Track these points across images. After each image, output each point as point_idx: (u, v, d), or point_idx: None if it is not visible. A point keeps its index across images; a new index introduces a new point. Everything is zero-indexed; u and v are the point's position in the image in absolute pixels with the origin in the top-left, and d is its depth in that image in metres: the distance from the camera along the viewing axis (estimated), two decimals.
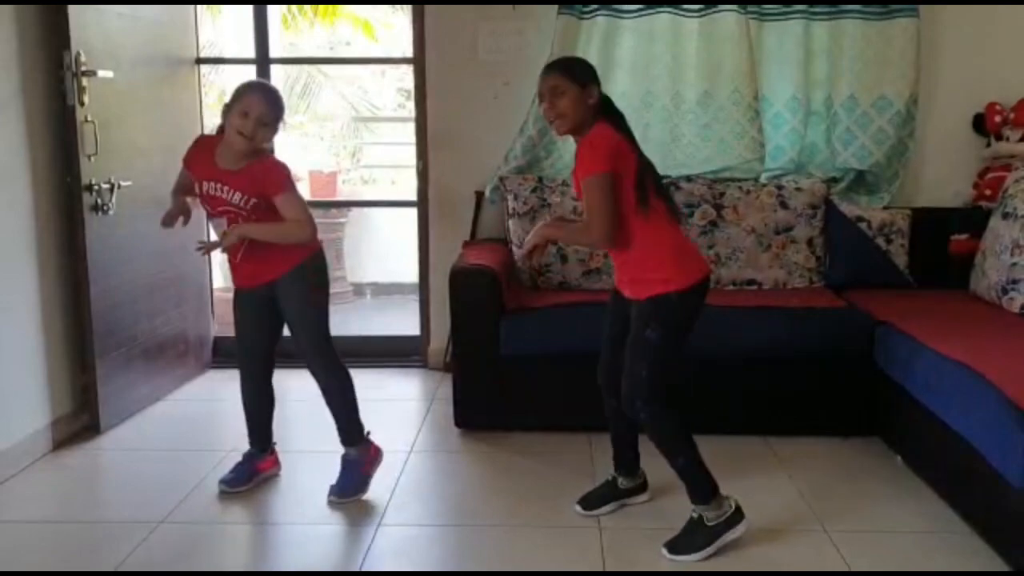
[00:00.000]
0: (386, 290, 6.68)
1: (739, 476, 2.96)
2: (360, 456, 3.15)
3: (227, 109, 2.88)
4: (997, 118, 4.06)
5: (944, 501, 2.94)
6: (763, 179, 4.16)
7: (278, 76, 6.20)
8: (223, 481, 3.17)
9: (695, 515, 2.66)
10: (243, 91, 2.90)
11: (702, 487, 2.66)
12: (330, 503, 3.06)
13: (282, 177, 2.93)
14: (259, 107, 2.85)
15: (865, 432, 3.49)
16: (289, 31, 7.37)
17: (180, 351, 4.34)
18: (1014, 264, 3.40)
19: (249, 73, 4.67)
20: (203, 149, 2.96)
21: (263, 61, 4.62)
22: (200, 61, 4.64)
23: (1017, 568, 2.49)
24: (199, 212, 3.15)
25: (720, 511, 2.65)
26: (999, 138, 4.07)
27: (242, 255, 2.99)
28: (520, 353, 3.54)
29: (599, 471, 3.25)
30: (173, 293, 4.26)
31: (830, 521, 2.87)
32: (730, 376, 3.47)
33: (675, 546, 2.66)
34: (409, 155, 4.64)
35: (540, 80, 2.66)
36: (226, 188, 2.90)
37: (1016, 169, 3.82)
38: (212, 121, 5.84)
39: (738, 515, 2.67)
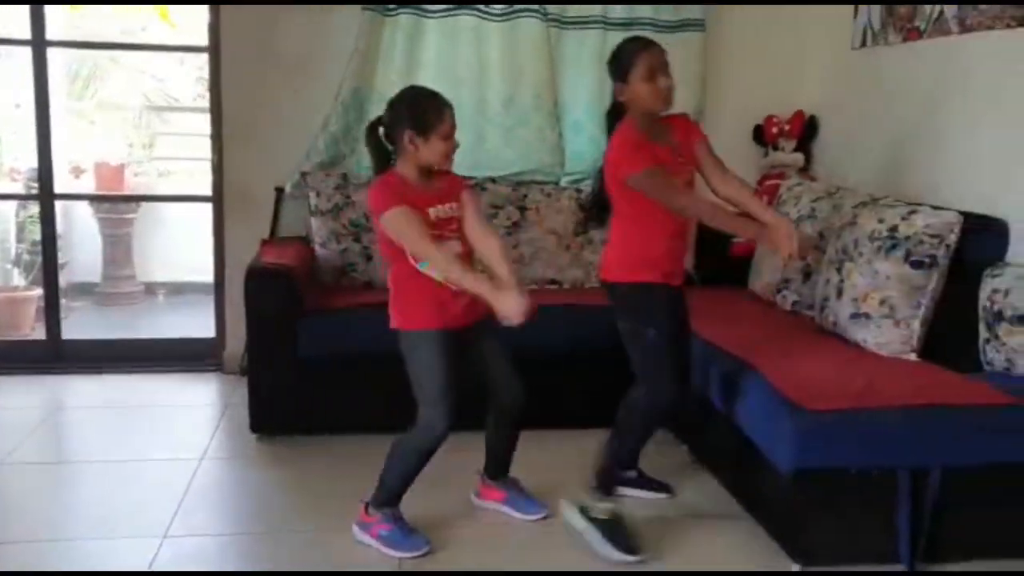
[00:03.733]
0: (180, 290, 6.36)
1: (536, 470, 3.03)
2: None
3: (413, 135, 2.60)
4: (774, 129, 4.38)
5: (726, 488, 3.13)
6: (563, 183, 4.28)
7: (58, 60, 5.77)
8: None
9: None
10: (436, 110, 2.63)
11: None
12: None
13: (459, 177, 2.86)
14: (454, 121, 2.65)
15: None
16: (75, 11, 6.88)
17: None
18: (786, 265, 3.67)
19: (24, 56, 4.32)
20: (402, 184, 2.65)
21: (39, 43, 4.28)
22: None
23: (790, 549, 2.68)
24: None
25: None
26: (775, 148, 4.39)
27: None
28: (319, 355, 3.47)
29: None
30: None
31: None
32: (531, 373, 3.52)
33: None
34: (208, 148, 4.43)
35: (655, 54, 2.67)
36: (448, 206, 2.70)
37: (789, 178, 4.14)
38: None
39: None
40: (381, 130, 2.71)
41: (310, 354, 3.47)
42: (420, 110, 2.64)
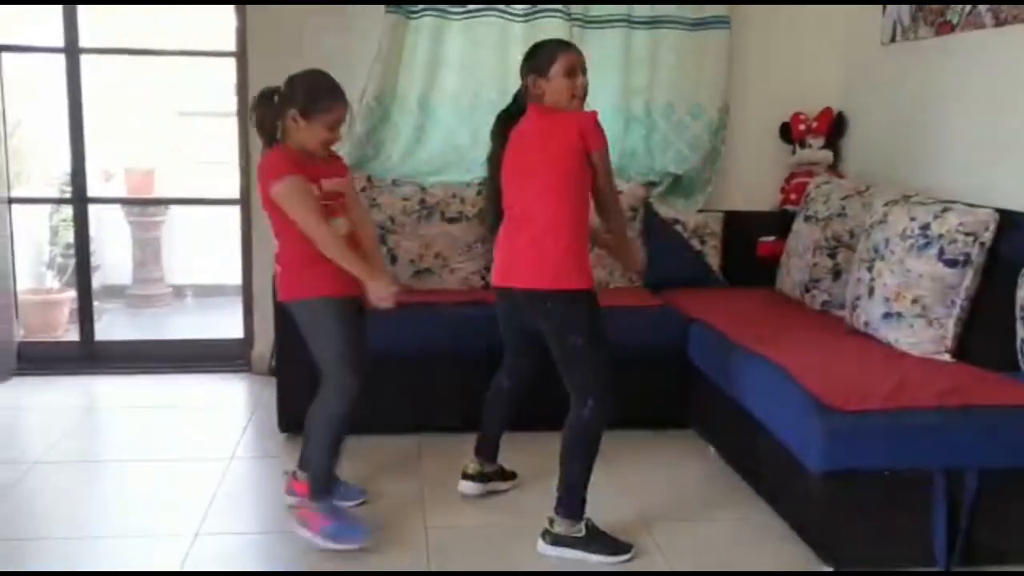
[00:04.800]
0: (208, 292, 6.43)
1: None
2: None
3: (296, 115, 2.65)
4: (801, 127, 4.33)
5: (752, 488, 3.10)
6: None
7: (90, 67, 5.83)
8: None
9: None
10: (329, 98, 2.68)
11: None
12: None
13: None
14: (343, 116, 2.72)
15: (681, 425, 3.62)
16: (105, 19, 6.97)
17: None
18: (815, 264, 3.64)
19: (57, 64, 4.38)
20: (294, 156, 2.67)
21: (73, 50, 4.35)
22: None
23: (822, 551, 2.65)
24: None
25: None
26: (803, 146, 4.34)
27: None
28: None
29: (426, 471, 3.25)
30: None
31: (649, 514, 2.98)
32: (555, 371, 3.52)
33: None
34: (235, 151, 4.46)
35: (576, 56, 2.77)
36: (336, 180, 2.76)
37: (818, 175, 4.10)
38: (16, 114, 5.45)
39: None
40: (276, 99, 2.72)
41: None
42: (313, 92, 2.68)
